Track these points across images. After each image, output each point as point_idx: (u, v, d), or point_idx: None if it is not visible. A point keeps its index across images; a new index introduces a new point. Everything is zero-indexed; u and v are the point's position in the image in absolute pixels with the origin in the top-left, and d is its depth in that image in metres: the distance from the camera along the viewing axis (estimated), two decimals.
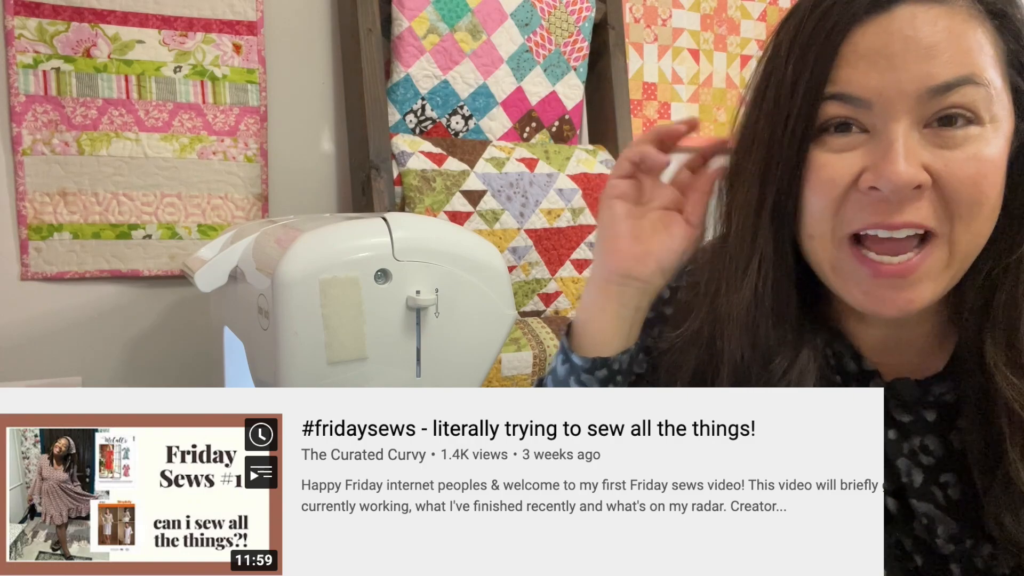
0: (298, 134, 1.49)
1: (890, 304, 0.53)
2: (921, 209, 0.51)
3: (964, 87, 0.50)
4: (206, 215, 1.42)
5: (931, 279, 0.53)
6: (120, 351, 1.39)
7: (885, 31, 0.51)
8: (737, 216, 0.59)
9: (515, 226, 1.44)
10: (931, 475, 0.58)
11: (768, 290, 0.57)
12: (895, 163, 0.50)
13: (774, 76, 0.56)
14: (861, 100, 0.52)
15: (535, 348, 1.33)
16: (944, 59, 0.50)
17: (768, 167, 0.56)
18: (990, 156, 0.51)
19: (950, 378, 0.59)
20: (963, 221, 0.52)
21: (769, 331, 0.58)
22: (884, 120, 0.51)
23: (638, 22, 1.80)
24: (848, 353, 0.62)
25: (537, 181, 1.47)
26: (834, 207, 0.53)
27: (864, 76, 0.51)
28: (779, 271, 0.58)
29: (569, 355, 0.64)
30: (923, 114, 0.51)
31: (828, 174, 0.53)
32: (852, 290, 0.55)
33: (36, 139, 1.30)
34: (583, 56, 1.60)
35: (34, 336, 1.34)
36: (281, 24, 1.46)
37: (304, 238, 0.71)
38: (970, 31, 0.51)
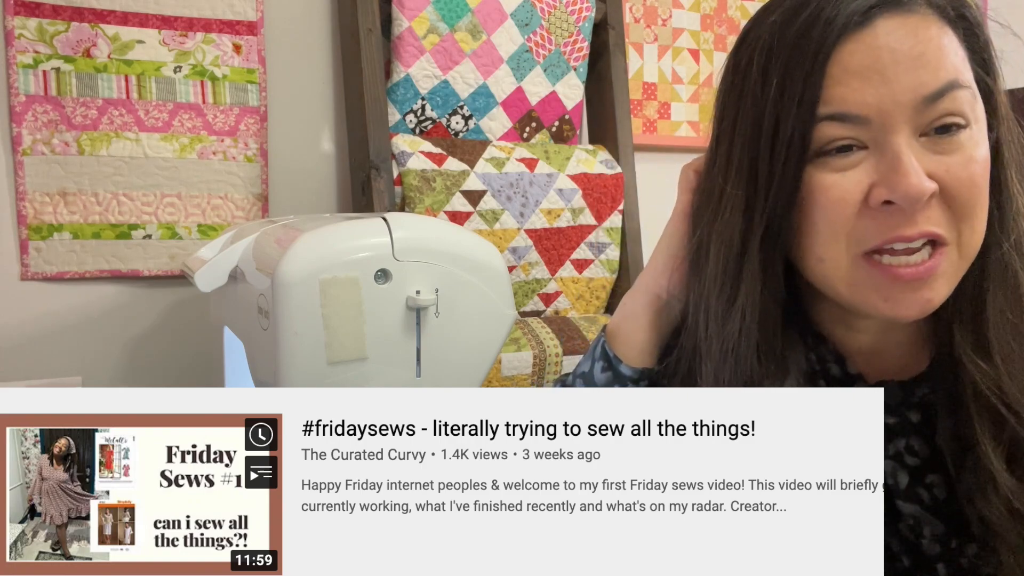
0: (298, 134, 1.49)
1: (911, 306, 0.53)
2: (932, 217, 0.52)
3: (953, 91, 0.51)
4: (206, 215, 1.42)
5: (945, 278, 0.53)
6: (120, 351, 1.39)
7: (870, 46, 0.51)
8: (716, 248, 0.57)
9: (515, 226, 1.44)
10: (916, 476, 0.58)
11: (755, 326, 0.56)
12: (908, 175, 0.50)
13: (750, 100, 0.55)
14: (859, 117, 0.51)
15: (535, 348, 1.33)
16: (932, 67, 0.51)
17: (755, 195, 0.55)
18: (981, 156, 0.52)
19: (932, 378, 0.59)
20: (967, 222, 0.52)
21: (754, 364, 0.57)
22: (884, 134, 0.51)
23: (638, 22, 1.80)
24: (832, 358, 0.61)
25: (537, 181, 1.47)
26: (846, 227, 0.53)
27: (858, 93, 0.51)
28: (767, 303, 0.56)
29: (616, 365, 0.63)
30: (919, 123, 0.51)
31: (837, 194, 0.53)
32: (871, 298, 0.54)
33: (36, 139, 1.30)
34: (583, 56, 1.60)
35: (34, 336, 1.34)
36: (281, 24, 1.46)
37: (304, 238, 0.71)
38: (944, 36, 0.52)
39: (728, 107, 0.58)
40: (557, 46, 1.56)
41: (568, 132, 1.61)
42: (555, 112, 1.59)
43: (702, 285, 0.58)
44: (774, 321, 0.57)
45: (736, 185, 0.56)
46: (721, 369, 0.56)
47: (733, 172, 0.56)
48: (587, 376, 0.65)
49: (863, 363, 0.61)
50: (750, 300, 0.56)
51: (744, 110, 0.56)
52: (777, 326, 0.58)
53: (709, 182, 0.59)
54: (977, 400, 0.54)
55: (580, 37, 1.59)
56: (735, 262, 0.56)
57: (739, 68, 0.57)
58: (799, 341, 0.61)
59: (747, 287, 0.56)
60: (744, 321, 0.56)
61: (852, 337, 0.61)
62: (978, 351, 0.55)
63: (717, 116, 0.59)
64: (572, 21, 1.57)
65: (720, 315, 0.57)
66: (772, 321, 0.57)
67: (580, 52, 1.60)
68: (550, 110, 1.58)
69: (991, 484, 0.53)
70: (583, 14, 1.58)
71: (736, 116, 0.56)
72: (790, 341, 0.59)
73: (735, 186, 0.56)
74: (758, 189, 0.55)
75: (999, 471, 0.53)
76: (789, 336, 0.60)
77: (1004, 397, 0.54)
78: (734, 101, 0.57)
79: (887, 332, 0.60)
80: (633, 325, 0.64)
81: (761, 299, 0.56)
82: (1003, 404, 0.53)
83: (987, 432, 0.54)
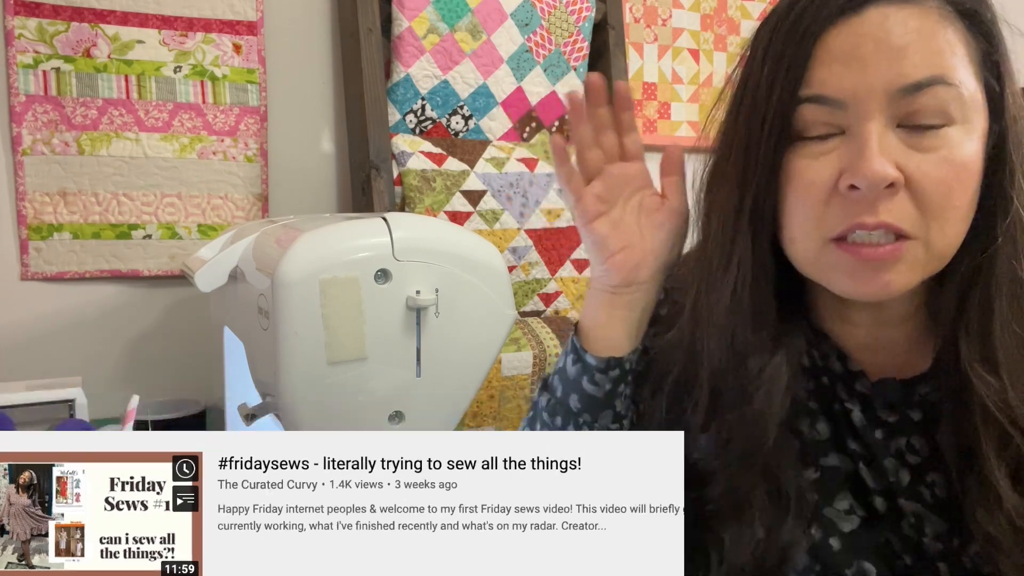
0: (298, 134, 1.49)
1: (871, 285, 0.53)
2: (893, 210, 0.51)
3: (934, 87, 0.51)
4: (206, 215, 1.42)
5: (908, 265, 0.53)
6: (120, 351, 1.39)
7: (856, 33, 0.52)
8: (716, 219, 0.59)
9: (515, 226, 1.44)
10: (918, 474, 0.58)
11: (746, 293, 0.58)
12: (870, 160, 0.50)
13: (751, 79, 0.56)
14: (835, 101, 0.52)
15: (535, 348, 1.33)
16: (915, 60, 0.50)
17: (746, 171, 0.56)
18: (962, 158, 0.51)
19: (935, 378, 0.59)
20: (937, 223, 0.52)
21: (747, 334, 0.58)
22: (858, 120, 0.52)
23: (638, 22, 1.80)
24: (834, 354, 0.62)
25: (537, 181, 1.47)
26: (816, 211, 0.54)
27: (837, 77, 0.52)
28: (757, 274, 0.58)
29: (582, 355, 0.64)
30: (895, 114, 0.51)
31: (808, 177, 0.53)
32: (836, 277, 0.55)
33: (36, 139, 1.30)
34: (583, 56, 1.60)
35: (34, 336, 1.34)
36: (281, 24, 1.46)
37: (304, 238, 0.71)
38: (941, 31, 0.51)
39: (737, 85, 0.59)
40: (557, 46, 1.56)
41: (568, 132, 1.61)
42: (555, 112, 1.59)
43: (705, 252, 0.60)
44: (765, 295, 0.58)
45: (731, 161, 0.57)
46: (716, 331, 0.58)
47: (731, 149, 0.58)
48: (562, 371, 0.66)
49: (864, 360, 0.61)
50: (741, 273, 0.57)
51: (746, 88, 0.57)
52: (769, 299, 0.59)
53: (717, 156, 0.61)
54: (984, 415, 0.54)
55: (580, 37, 1.59)
56: (729, 233, 0.57)
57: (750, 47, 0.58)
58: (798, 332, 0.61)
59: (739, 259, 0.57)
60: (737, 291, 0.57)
61: (849, 331, 0.62)
62: (985, 365, 0.54)
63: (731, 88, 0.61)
64: (572, 21, 1.57)
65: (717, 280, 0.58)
66: (763, 295, 0.58)
67: (580, 52, 1.60)
68: (550, 110, 1.58)
69: (995, 499, 0.53)
70: (583, 14, 1.58)
71: (741, 94, 0.57)
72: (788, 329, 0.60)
73: (731, 162, 0.57)
74: (747, 167, 0.56)
75: (1004, 487, 0.53)
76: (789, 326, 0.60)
77: (1010, 413, 0.53)
78: (742, 80, 0.58)
79: (881, 327, 0.60)
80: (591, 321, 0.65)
81: (752, 273, 0.57)
82: (1009, 420, 0.53)
83: (992, 447, 0.54)
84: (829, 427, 0.61)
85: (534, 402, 0.69)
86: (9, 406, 1.03)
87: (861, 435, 0.60)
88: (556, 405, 0.66)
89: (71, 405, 1.07)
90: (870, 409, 0.61)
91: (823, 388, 0.62)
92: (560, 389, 0.66)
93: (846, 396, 0.61)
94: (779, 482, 0.59)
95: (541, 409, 0.67)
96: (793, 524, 0.58)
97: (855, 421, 0.60)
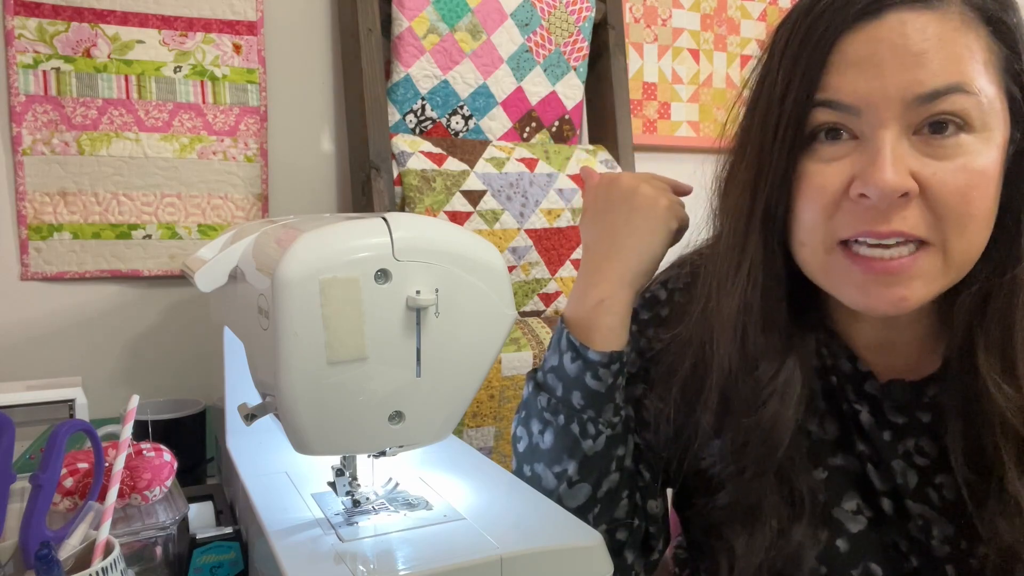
0: (298, 134, 1.49)
1: (883, 300, 0.53)
2: (908, 218, 0.50)
3: (953, 95, 0.49)
4: (206, 215, 1.42)
5: (924, 280, 0.52)
6: (120, 351, 1.39)
7: (874, 38, 0.51)
8: (728, 221, 0.59)
9: (515, 226, 1.44)
10: (926, 476, 0.58)
11: (757, 296, 0.57)
12: (883, 170, 0.49)
13: (767, 82, 0.56)
14: (849, 107, 0.51)
15: (535, 348, 1.33)
16: (933, 67, 0.49)
17: (759, 174, 0.56)
18: (980, 167, 0.50)
19: (944, 380, 0.59)
20: (954, 231, 0.51)
21: (758, 337, 0.58)
22: (872, 127, 0.51)
23: (638, 22, 1.80)
24: (844, 354, 0.62)
25: (537, 181, 1.47)
26: (825, 215, 0.53)
27: (852, 83, 0.51)
28: (768, 277, 0.57)
29: (583, 352, 0.64)
30: (911, 121, 0.50)
31: (819, 182, 0.53)
32: (846, 288, 0.54)
33: (36, 139, 1.30)
34: (583, 56, 1.60)
35: (34, 336, 1.34)
36: (281, 24, 1.46)
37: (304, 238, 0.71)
38: (961, 38, 0.50)
39: (755, 86, 0.59)
40: (557, 46, 1.56)
41: (568, 132, 1.61)
42: (555, 112, 1.59)
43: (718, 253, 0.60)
44: (776, 298, 0.58)
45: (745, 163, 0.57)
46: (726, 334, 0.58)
47: (745, 151, 0.57)
48: (558, 369, 0.66)
49: (873, 360, 0.61)
50: (752, 276, 0.57)
51: (762, 90, 0.56)
52: (780, 303, 0.58)
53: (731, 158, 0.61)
54: (1003, 427, 0.53)
55: (580, 37, 1.59)
56: (741, 236, 0.57)
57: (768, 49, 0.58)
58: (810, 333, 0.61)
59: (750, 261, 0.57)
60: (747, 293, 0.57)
61: (858, 331, 0.61)
62: (1005, 376, 0.53)
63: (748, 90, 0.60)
64: (572, 21, 1.57)
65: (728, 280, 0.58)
66: (774, 298, 0.58)
67: (580, 52, 1.59)
68: (550, 110, 1.58)
69: (1016, 510, 0.53)
70: (583, 14, 1.58)
71: (757, 95, 0.57)
72: (799, 329, 0.60)
73: (745, 165, 0.57)
74: (760, 169, 0.55)
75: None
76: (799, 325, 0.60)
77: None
78: (759, 81, 0.58)
79: (892, 328, 0.60)
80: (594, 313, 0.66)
81: (763, 275, 0.57)
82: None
83: (1012, 458, 0.53)
84: (837, 427, 0.61)
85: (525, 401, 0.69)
86: (9, 406, 1.03)
87: (869, 436, 0.60)
88: (558, 404, 0.66)
89: (71, 405, 1.07)
90: (879, 410, 0.60)
91: (832, 388, 0.62)
92: (560, 388, 0.66)
93: (855, 397, 0.61)
94: (792, 484, 0.59)
95: (541, 409, 0.67)
96: (807, 526, 0.58)
97: (863, 422, 0.60)
